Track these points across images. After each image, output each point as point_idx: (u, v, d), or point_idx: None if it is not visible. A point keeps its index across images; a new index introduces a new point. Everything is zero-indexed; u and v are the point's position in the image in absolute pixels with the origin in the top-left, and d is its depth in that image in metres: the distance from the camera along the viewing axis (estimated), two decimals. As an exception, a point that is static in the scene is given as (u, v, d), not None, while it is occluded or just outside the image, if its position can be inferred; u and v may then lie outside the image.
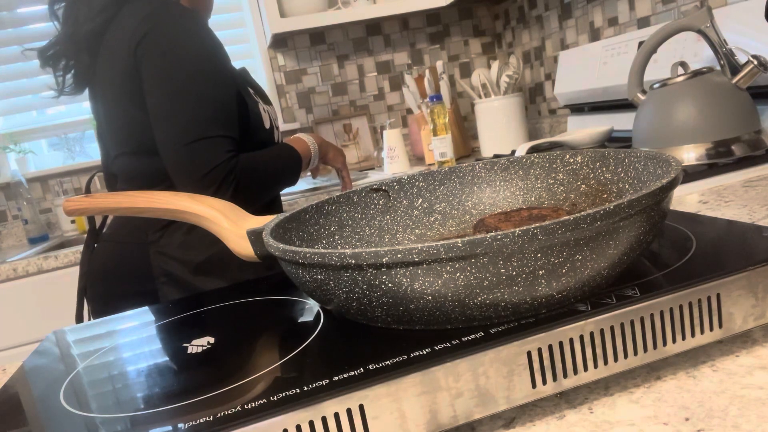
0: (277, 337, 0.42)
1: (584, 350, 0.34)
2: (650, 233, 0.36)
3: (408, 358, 0.32)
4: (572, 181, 0.52)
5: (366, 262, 0.32)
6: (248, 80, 1.02)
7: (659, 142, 0.92)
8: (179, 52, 0.86)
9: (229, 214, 0.49)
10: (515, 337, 0.32)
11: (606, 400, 0.35)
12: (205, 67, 0.88)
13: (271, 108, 1.05)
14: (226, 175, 0.85)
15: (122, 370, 0.41)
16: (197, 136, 0.85)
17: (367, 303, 0.35)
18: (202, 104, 0.86)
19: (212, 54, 0.89)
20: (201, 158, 0.85)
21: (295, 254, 0.36)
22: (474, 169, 0.57)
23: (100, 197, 0.52)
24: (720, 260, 0.37)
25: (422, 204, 0.58)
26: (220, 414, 0.30)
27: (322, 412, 0.30)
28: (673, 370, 0.36)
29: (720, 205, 0.67)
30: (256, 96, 1.00)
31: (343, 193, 0.55)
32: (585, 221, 0.31)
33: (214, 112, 0.87)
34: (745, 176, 0.80)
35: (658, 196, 0.33)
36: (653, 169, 0.43)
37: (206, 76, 0.87)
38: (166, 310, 0.52)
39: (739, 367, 0.35)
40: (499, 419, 0.35)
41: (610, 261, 0.34)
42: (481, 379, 0.32)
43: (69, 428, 0.33)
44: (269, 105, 1.04)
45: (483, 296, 0.33)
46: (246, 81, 1.00)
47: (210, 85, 0.87)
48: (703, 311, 0.35)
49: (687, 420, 0.31)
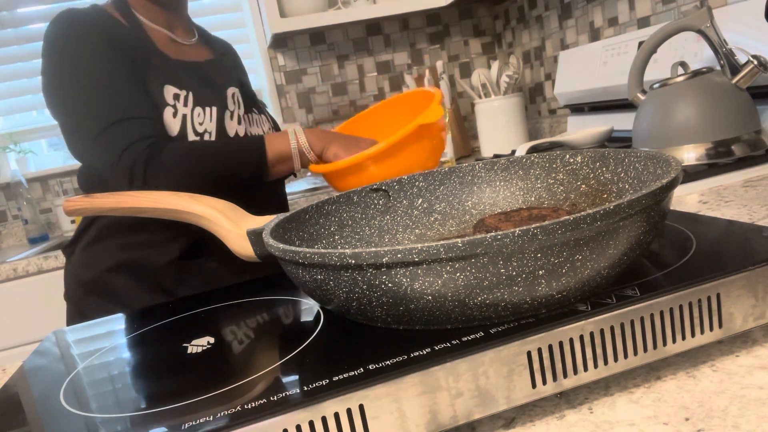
0: (277, 337, 0.42)
1: (584, 350, 0.33)
2: (650, 233, 0.36)
3: (408, 358, 0.32)
4: (572, 181, 0.52)
5: (366, 262, 0.32)
6: (174, 77, 0.88)
7: (659, 142, 0.92)
8: (53, 55, 0.83)
9: (230, 214, 0.49)
10: (515, 337, 0.32)
11: (606, 400, 0.35)
12: (85, 61, 0.82)
13: (214, 108, 0.88)
14: (136, 157, 0.79)
15: (122, 370, 0.41)
16: (99, 128, 0.80)
17: (367, 303, 0.35)
18: (91, 96, 0.81)
19: (92, 48, 0.83)
20: (107, 149, 0.80)
21: (295, 254, 0.36)
22: (474, 169, 0.57)
23: (100, 197, 0.52)
24: (720, 260, 0.37)
25: (422, 204, 0.58)
26: (220, 414, 0.30)
27: (322, 412, 0.30)
28: (673, 370, 0.36)
29: (720, 205, 0.67)
30: (182, 98, 0.86)
31: (343, 193, 0.55)
32: (585, 221, 0.31)
33: (109, 98, 0.81)
34: (745, 176, 0.80)
35: (658, 195, 0.33)
36: (653, 169, 0.43)
37: (89, 69, 0.82)
38: (166, 310, 0.52)
39: (739, 367, 0.35)
40: (499, 419, 0.35)
41: (610, 261, 0.34)
42: (481, 379, 0.32)
43: (69, 428, 0.33)
44: (213, 105, 0.88)
45: (483, 296, 0.32)
46: (167, 78, 0.87)
47: (96, 76, 0.82)
48: (703, 311, 0.35)
49: (687, 420, 0.31)
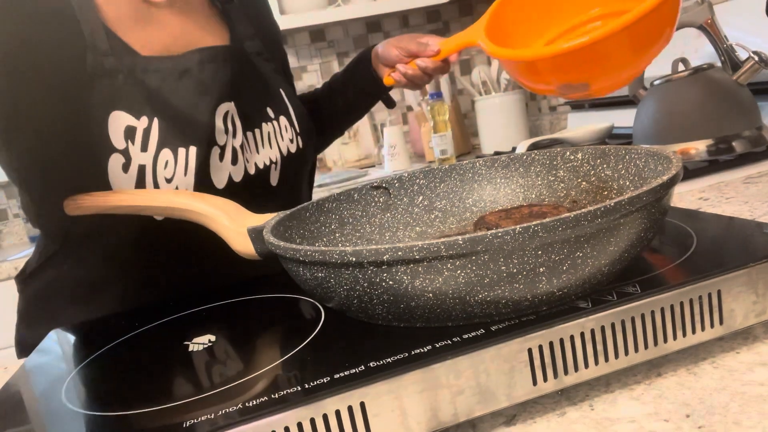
0: (278, 335, 0.42)
1: (585, 347, 0.34)
2: (651, 230, 0.35)
3: (409, 355, 0.32)
4: (573, 178, 0.52)
5: (367, 260, 0.32)
6: (129, 95, 0.52)
7: (660, 139, 0.92)
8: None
9: (230, 212, 0.49)
10: (516, 335, 0.32)
11: (607, 397, 0.35)
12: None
13: (192, 150, 0.54)
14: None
15: (124, 369, 0.41)
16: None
17: (367, 301, 0.35)
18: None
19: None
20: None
21: (296, 252, 0.36)
22: (474, 166, 0.57)
23: (102, 195, 0.52)
24: (721, 257, 0.37)
25: (423, 201, 0.58)
26: (222, 412, 0.30)
27: (323, 410, 0.30)
28: (673, 366, 0.36)
29: (721, 201, 0.67)
30: (139, 134, 0.52)
31: (344, 191, 0.55)
32: (586, 218, 0.31)
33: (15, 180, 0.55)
34: (746, 173, 0.79)
35: (659, 192, 0.33)
36: (654, 165, 0.43)
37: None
38: (167, 308, 0.52)
39: (740, 363, 0.35)
40: (500, 416, 0.35)
41: (610, 258, 0.34)
42: (481, 376, 0.32)
43: (70, 426, 0.33)
44: (190, 144, 0.54)
45: (484, 293, 0.32)
46: (118, 97, 0.51)
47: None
48: (704, 308, 0.35)
49: (688, 417, 0.31)
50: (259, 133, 0.64)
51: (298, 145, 0.70)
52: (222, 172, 0.59)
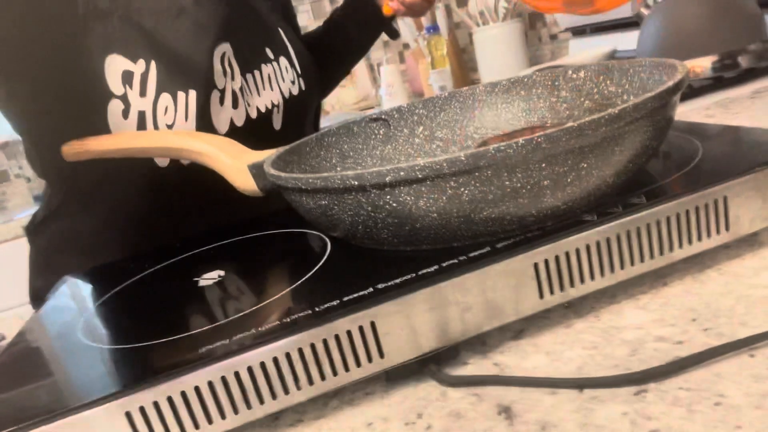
0: (286, 266, 0.43)
1: (590, 259, 0.34)
2: (657, 138, 0.35)
3: (416, 275, 0.32)
4: (576, 98, 0.51)
5: (369, 183, 0.32)
6: (125, 38, 0.50)
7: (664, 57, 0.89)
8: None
9: (230, 150, 0.49)
10: (522, 250, 0.33)
11: (613, 308, 0.35)
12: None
13: (191, 93, 0.53)
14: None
15: (137, 306, 0.42)
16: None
17: (372, 225, 0.35)
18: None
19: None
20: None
21: (298, 180, 0.36)
22: (475, 92, 0.56)
23: (98, 139, 0.51)
24: (726, 164, 0.37)
25: (423, 132, 0.57)
26: (236, 337, 0.31)
27: (335, 331, 0.31)
28: (679, 275, 0.37)
29: (727, 118, 0.66)
30: (137, 79, 0.50)
31: (343, 125, 0.54)
32: (590, 127, 0.30)
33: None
34: (753, 87, 0.78)
35: (665, 98, 0.33)
36: (659, 76, 0.42)
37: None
38: (173, 250, 0.53)
39: (746, 269, 0.36)
40: (508, 331, 0.35)
41: (615, 168, 0.33)
42: (488, 292, 0.32)
43: (90, 360, 0.34)
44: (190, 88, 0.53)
45: (488, 210, 0.32)
46: (113, 40, 0.50)
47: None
48: (710, 215, 0.35)
49: (694, 320, 0.32)
50: (258, 74, 0.63)
51: (300, 87, 0.68)
52: (223, 117, 0.57)
